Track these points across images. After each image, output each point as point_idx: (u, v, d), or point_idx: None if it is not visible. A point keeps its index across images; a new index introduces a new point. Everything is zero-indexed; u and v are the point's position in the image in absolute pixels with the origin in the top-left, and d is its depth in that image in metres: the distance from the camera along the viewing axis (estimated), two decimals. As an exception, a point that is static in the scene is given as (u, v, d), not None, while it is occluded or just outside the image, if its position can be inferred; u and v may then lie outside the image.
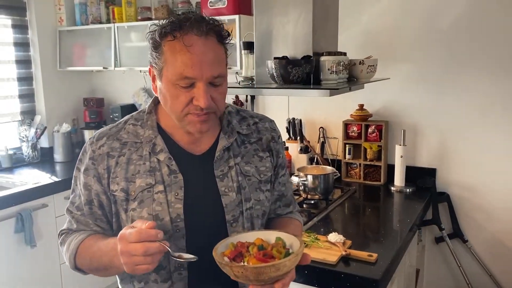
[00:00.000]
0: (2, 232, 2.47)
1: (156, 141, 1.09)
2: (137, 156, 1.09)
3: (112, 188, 1.08)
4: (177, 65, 0.99)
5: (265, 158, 1.19)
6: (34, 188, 2.65)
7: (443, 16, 2.40)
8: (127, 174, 1.08)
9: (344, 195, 2.40)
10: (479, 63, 2.35)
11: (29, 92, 3.33)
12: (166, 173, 1.07)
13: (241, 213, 1.11)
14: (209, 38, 1.01)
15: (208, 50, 1.00)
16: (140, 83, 3.42)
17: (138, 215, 1.06)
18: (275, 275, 0.91)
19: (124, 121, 1.16)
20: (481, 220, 2.44)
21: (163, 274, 1.08)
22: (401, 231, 1.93)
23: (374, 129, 2.59)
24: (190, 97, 1.01)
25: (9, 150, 3.12)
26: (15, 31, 3.20)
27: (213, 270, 1.03)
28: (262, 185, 1.17)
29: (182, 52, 0.98)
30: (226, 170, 1.12)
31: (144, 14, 3.06)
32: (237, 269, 0.90)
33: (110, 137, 1.12)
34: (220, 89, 1.05)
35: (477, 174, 2.42)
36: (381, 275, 1.52)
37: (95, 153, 1.10)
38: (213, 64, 1.00)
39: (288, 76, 1.83)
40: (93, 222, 1.13)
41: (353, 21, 2.58)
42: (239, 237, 1.02)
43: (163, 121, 1.13)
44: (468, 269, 2.45)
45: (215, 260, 0.94)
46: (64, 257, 1.15)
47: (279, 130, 1.28)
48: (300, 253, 0.95)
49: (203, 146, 1.13)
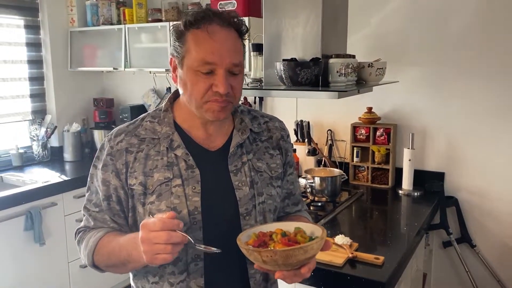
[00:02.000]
0: (12, 230, 2.50)
1: (173, 137, 1.13)
2: (155, 151, 1.12)
3: (130, 182, 1.11)
4: (200, 52, 1.04)
5: (275, 155, 1.23)
6: (43, 186, 2.68)
7: (453, 20, 2.39)
8: (145, 168, 1.11)
9: (352, 198, 2.40)
10: (489, 67, 2.33)
11: (40, 91, 3.37)
12: (184, 168, 1.11)
13: (254, 207, 1.14)
14: (230, 30, 1.07)
15: (229, 39, 1.06)
16: (149, 84, 3.45)
17: (157, 208, 1.08)
18: (303, 258, 0.94)
19: (141, 119, 1.19)
20: (489, 225, 2.42)
21: (180, 266, 1.11)
22: (408, 235, 1.93)
23: (383, 132, 2.58)
24: (210, 83, 1.05)
25: (19, 149, 3.15)
26: (28, 31, 3.24)
27: (227, 260, 1.09)
28: (274, 181, 1.21)
29: (205, 40, 1.04)
30: (240, 166, 1.16)
31: (155, 16, 3.09)
32: (266, 254, 0.93)
33: (128, 133, 1.15)
34: (238, 78, 1.10)
35: (486, 178, 2.41)
36: (387, 278, 1.51)
37: (113, 149, 1.13)
38: (233, 52, 1.06)
39: (296, 78, 1.83)
40: (110, 218, 1.15)
41: (362, 24, 2.58)
42: (259, 228, 1.06)
43: (179, 119, 1.17)
44: (476, 274, 2.43)
45: (241, 248, 0.98)
46: (82, 254, 1.17)
47: (288, 130, 1.32)
48: (325, 237, 0.98)
49: (218, 142, 1.17)
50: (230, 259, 1.10)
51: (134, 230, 1.13)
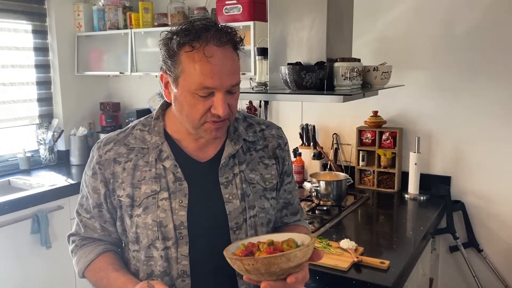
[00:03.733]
0: (19, 233, 2.52)
1: (162, 148, 1.10)
2: (144, 162, 1.10)
3: (118, 193, 1.10)
4: (197, 75, 0.99)
5: (271, 165, 1.19)
6: (50, 190, 2.69)
7: (458, 23, 2.38)
8: (133, 180, 1.09)
9: (357, 202, 2.39)
10: (495, 70, 2.32)
11: (47, 96, 3.40)
12: (171, 180, 1.08)
13: (245, 221, 1.11)
14: (227, 47, 1.02)
15: (227, 60, 1.01)
16: (155, 88, 3.46)
17: (143, 221, 1.07)
18: (286, 266, 0.90)
19: (132, 126, 1.17)
20: (496, 229, 2.40)
21: (166, 280, 1.08)
22: (414, 239, 1.91)
23: (388, 136, 2.57)
24: (208, 106, 1.02)
25: (27, 153, 3.18)
26: (35, 36, 3.27)
27: (215, 277, 1.06)
28: (267, 193, 1.16)
29: (202, 63, 0.98)
30: (231, 178, 1.12)
31: (161, 20, 3.11)
32: (248, 262, 0.90)
33: (117, 142, 1.13)
34: (235, 95, 1.07)
35: (493, 182, 2.39)
36: (392, 282, 1.50)
37: (102, 158, 1.12)
38: (232, 74, 1.02)
39: (301, 81, 1.83)
40: (100, 225, 1.15)
41: (367, 27, 2.58)
42: (250, 239, 1.03)
43: (170, 127, 1.13)
44: (483, 279, 2.41)
45: (226, 258, 0.95)
46: (74, 266, 1.18)
47: (286, 137, 1.27)
48: (311, 245, 0.94)
49: (209, 153, 1.14)
50: (219, 275, 1.06)
51: (124, 238, 1.15)
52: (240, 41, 1.06)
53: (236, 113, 1.11)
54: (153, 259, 1.08)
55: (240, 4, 2.70)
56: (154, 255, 1.07)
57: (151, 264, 1.09)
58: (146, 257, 1.09)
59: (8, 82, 3.13)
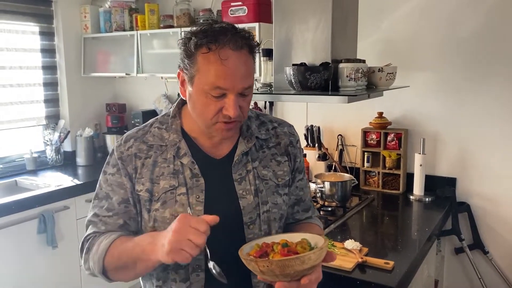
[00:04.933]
0: (26, 233, 2.54)
1: (180, 145, 1.14)
2: (162, 159, 1.13)
3: (137, 188, 1.13)
4: (211, 76, 1.03)
5: (283, 162, 1.21)
6: (56, 190, 2.71)
7: (463, 24, 2.38)
8: (152, 175, 1.12)
9: (362, 203, 2.39)
10: (500, 72, 2.31)
11: (54, 97, 3.42)
12: (189, 176, 1.12)
13: (258, 216, 1.14)
14: (242, 51, 1.05)
15: (241, 64, 1.04)
16: (161, 89, 3.48)
17: (161, 215, 1.10)
18: (300, 268, 0.92)
19: (149, 124, 1.20)
20: (502, 231, 2.39)
21: (181, 273, 1.11)
22: (419, 240, 1.91)
23: (393, 137, 2.57)
24: (220, 106, 1.05)
25: (33, 153, 3.20)
26: (42, 38, 3.30)
27: (229, 270, 1.05)
28: (280, 189, 1.19)
29: (217, 64, 1.02)
30: (244, 174, 1.15)
31: (167, 22, 3.12)
32: (263, 264, 0.92)
33: (137, 139, 1.16)
34: (247, 98, 1.10)
35: (498, 184, 2.38)
36: (397, 283, 1.50)
37: (123, 154, 1.15)
38: (245, 77, 1.05)
39: (306, 82, 1.84)
40: (124, 221, 1.14)
41: (372, 28, 2.59)
42: (264, 239, 1.05)
43: (186, 125, 1.17)
44: (489, 281, 2.40)
45: (241, 258, 0.98)
46: (90, 261, 1.13)
47: (298, 135, 1.30)
48: (325, 248, 0.96)
49: (224, 150, 1.17)
50: (233, 269, 1.08)
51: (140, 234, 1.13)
52: (256, 45, 1.10)
53: (247, 115, 1.14)
54: None
55: (245, 5, 2.71)
56: None
57: None
58: None
59: (15, 83, 3.16)
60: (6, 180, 2.97)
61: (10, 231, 2.46)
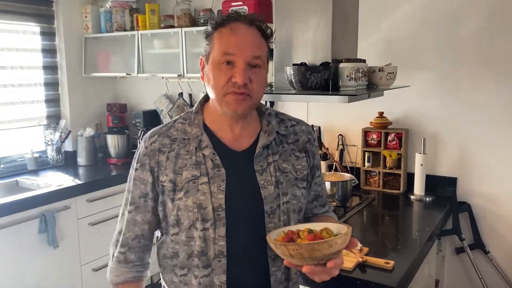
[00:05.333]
0: (27, 232, 2.54)
1: (202, 138, 1.20)
2: (185, 151, 1.20)
3: (161, 179, 1.19)
4: (221, 44, 1.13)
5: (301, 157, 1.27)
6: (57, 190, 2.71)
7: (464, 24, 2.38)
8: (175, 167, 1.18)
9: (363, 203, 2.39)
10: (503, 71, 2.31)
11: (55, 97, 3.43)
12: (210, 167, 1.17)
13: (278, 206, 1.19)
14: (254, 29, 1.15)
15: (250, 34, 1.14)
16: (162, 89, 3.48)
17: (184, 203, 1.16)
18: (327, 252, 0.99)
19: (173, 120, 1.28)
20: (503, 231, 2.39)
21: (204, 260, 1.16)
22: (419, 240, 1.91)
23: (394, 137, 2.57)
24: (230, 75, 1.12)
25: (34, 153, 3.20)
26: (43, 38, 3.31)
27: (249, 257, 1.16)
28: (299, 182, 1.25)
29: (228, 34, 1.13)
30: (265, 166, 1.20)
31: (167, 22, 3.13)
32: (292, 247, 0.99)
33: (161, 134, 1.23)
34: (258, 73, 1.15)
35: (499, 184, 2.38)
36: (397, 282, 1.50)
37: (148, 149, 1.21)
38: (253, 45, 1.13)
39: (306, 82, 1.84)
40: (142, 217, 1.23)
41: (373, 28, 2.59)
42: (289, 228, 1.12)
43: (208, 120, 1.24)
44: (489, 281, 2.40)
45: (269, 243, 1.06)
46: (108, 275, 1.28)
47: (314, 133, 1.36)
48: (349, 233, 1.04)
49: (244, 143, 1.23)
50: (253, 256, 1.16)
51: (164, 224, 1.22)
52: (269, 33, 1.18)
53: (259, 93, 1.18)
54: (193, 240, 1.16)
55: (245, 5, 2.71)
56: (194, 236, 1.16)
57: (191, 245, 1.17)
58: (187, 237, 1.17)
59: (16, 83, 3.16)
60: (7, 180, 2.98)
61: (11, 231, 2.46)
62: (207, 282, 1.17)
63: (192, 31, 2.98)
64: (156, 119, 3.50)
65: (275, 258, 1.19)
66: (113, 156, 3.48)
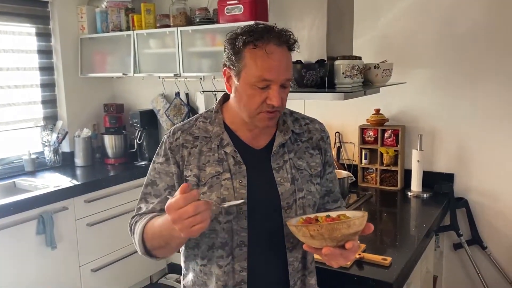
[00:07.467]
0: (25, 234, 2.54)
1: (223, 136, 1.26)
2: (207, 148, 1.26)
3: (185, 174, 1.25)
4: (258, 69, 1.15)
5: (315, 155, 1.33)
6: (55, 191, 2.71)
7: (461, 21, 2.38)
8: (199, 163, 1.24)
9: (360, 200, 2.39)
10: (497, 68, 2.32)
11: (51, 98, 3.42)
12: (232, 164, 1.24)
13: (294, 201, 1.25)
14: (284, 47, 1.18)
15: (283, 58, 1.17)
16: (158, 89, 3.48)
17: (208, 198, 1.20)
18: (347, 232, 1.05)
19: (195, 119, 1.33)
20: (500, 226, 2.39)
21: (227, 250, 1.23)
22: (417, 236, 1.92)
23: (391, 133, 2.57)
24: (265, 97, 1.17)
25: (32, 155, 3.20)
26: (39, 39, 3.30)
27: (269, 247, 1.24)
28: (313, 179, 1.31)
29: (263, 59, 1.14)
30: (282, 164, 1.27)
31: (163, 22, 3.12)
32: (313, 228, 1.06)
33: (184, 131, 1.29)
34: (287, 90, 1.22)
35: (496, 179, 2.38)
36: (395, 278, 1.51)
37: (172, 144, 1.27)
38: (286, 69, 1.18)
39: (302, 80, 1.84)
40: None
41: (369, 25, 2.59)
42: (306, 215, 1.19)
43: (228, 119, 1.29)
44: (487, 277, 2.41)
45: (290, 227, 1.14)
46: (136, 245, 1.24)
47: (327, 132, 1.42)
48: (366, 216, 1.09)
49: (262, 142, 1.29)
50: (272, 247, 1.24)
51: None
52: (294, 43, 1.21)
53: (285, 105, 1.25)
54: (215, 232, 1.22)
55: (241, 4, 2.71)
56: (217, 228, 1.22)
57: (213, 237, 1.23)
58: (210, 230, 1.22)
59: (12, 84, 3.16)
60: (5, 182, 2.97)
61: (9, 232, 2.46)
62: (229, 269, 1.23)
63: (188, 30, 2.98)
64: (153, 119, 3.50)
65: (292, 249, 1.26)
66: (111, 156, 3.48)
